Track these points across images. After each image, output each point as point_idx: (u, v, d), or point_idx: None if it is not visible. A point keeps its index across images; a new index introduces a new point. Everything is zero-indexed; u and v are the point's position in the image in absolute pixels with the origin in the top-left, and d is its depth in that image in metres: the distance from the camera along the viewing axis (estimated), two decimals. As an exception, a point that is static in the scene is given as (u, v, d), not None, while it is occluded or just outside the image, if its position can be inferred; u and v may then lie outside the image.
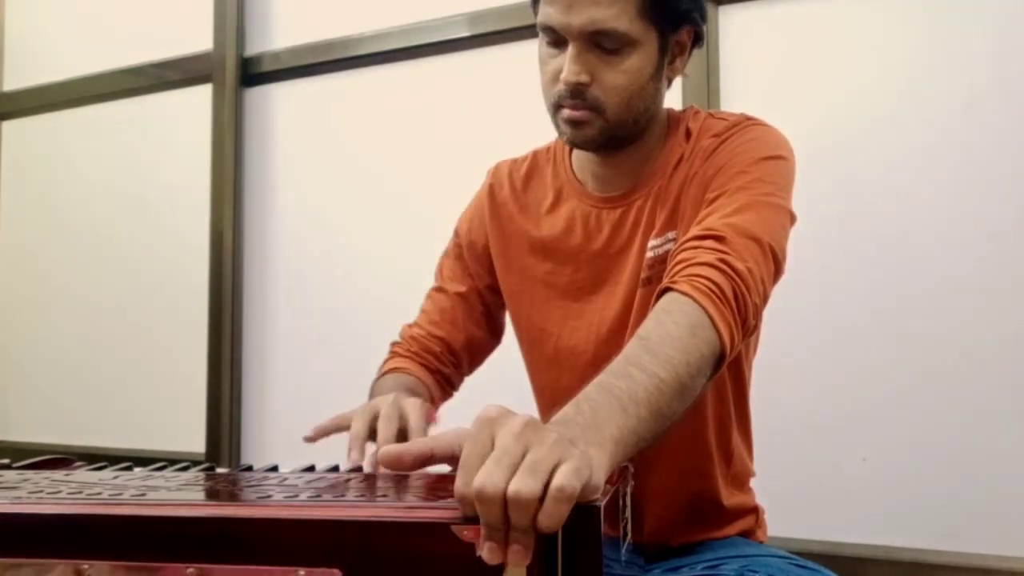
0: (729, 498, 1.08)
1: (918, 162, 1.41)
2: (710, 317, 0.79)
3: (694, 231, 0.90)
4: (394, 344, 1.19)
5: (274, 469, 0.84)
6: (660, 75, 1.01)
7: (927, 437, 1.38)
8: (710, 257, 0.84)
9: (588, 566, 0.54)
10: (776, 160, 0.98)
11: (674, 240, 0.99)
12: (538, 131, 1.12)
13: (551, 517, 0.53)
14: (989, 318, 1.35)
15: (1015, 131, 1.35)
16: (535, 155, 1.16)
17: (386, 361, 1.17)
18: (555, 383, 1.11)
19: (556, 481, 0.53)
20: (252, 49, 2.10)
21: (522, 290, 1.13)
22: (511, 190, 1.15)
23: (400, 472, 0.69)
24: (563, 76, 0.95)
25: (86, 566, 0.59)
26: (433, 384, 1.14)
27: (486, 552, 0.53)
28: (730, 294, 0.81)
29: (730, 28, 1.56)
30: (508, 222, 1.14)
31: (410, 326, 1.20)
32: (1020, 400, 1.33)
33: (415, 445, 0.60)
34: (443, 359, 1.16)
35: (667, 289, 0.83)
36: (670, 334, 0.76)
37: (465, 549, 0.54)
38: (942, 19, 1.40)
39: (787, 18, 1.52)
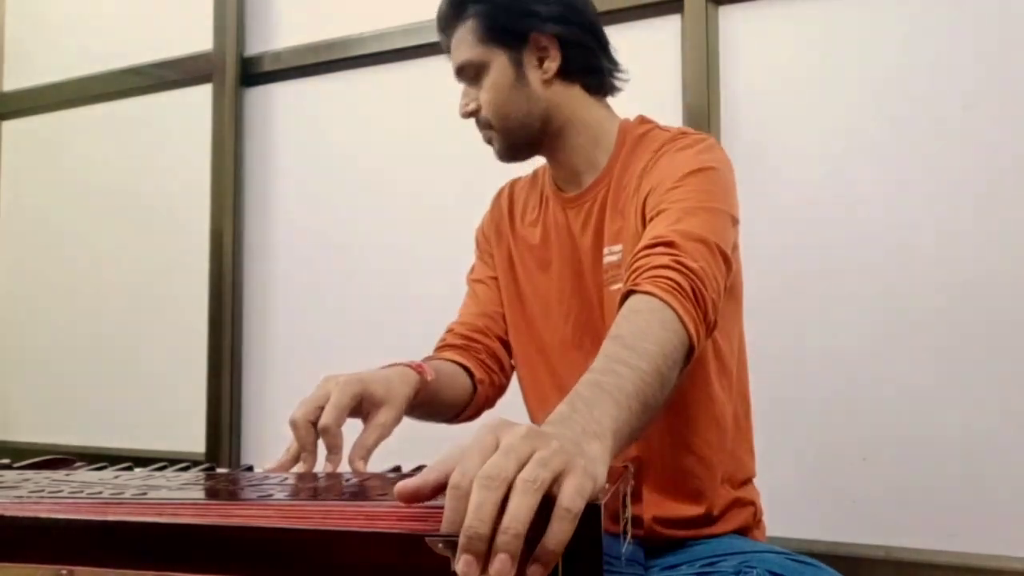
0: (728, 497, 1.09)
1: (918, 162, 1.41)
2: (675, 312, 0.83)
3: (643, 242, 0.94)
4: (439, 344, 1.21)
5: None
6: (524, 81, 1.11)
7: (927, 437, 1.38)
8: (665, 260, 0.88)
9: (589, 565, 0.54)
10: (706, 171, 1.02)
11: (619, 253, 1.06)
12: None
13: (557, 535, 0.51)
14: (989, 318, 1.35)
15: (1014, 132, 1.35)
16: (536, 171, 1.26)
17: None
18: (533, 374, 1.18)
19: (562, 501, 0.52)
20: (252, 49, 2.10)
21: (510, 281, 1.21)
22: (509, 200, 1.25)
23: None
24: (460, 113, 1.15)
25: (64, 572, 0.59)
26: (474, 363, 1.17)
27: (461, 564, 0.50)
28: (689, 291, 0.85)
29: (730, 28, 1.56)
30: (503, 228, 1.24)
31: (450, 323, 1.24)
32: (1020, 400, 1.33)
33: (431, 475, 0.56)
34: (488, 333, 1.21)
35: (631, 292, 0.87)
36: (642, 330, 0.79)
37: (440, 563, 0.52)
38: (942, 19, 1.40)
39: (787, 18, 1.52)
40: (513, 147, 1.15)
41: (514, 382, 1.23)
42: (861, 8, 1.46)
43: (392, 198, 1.91)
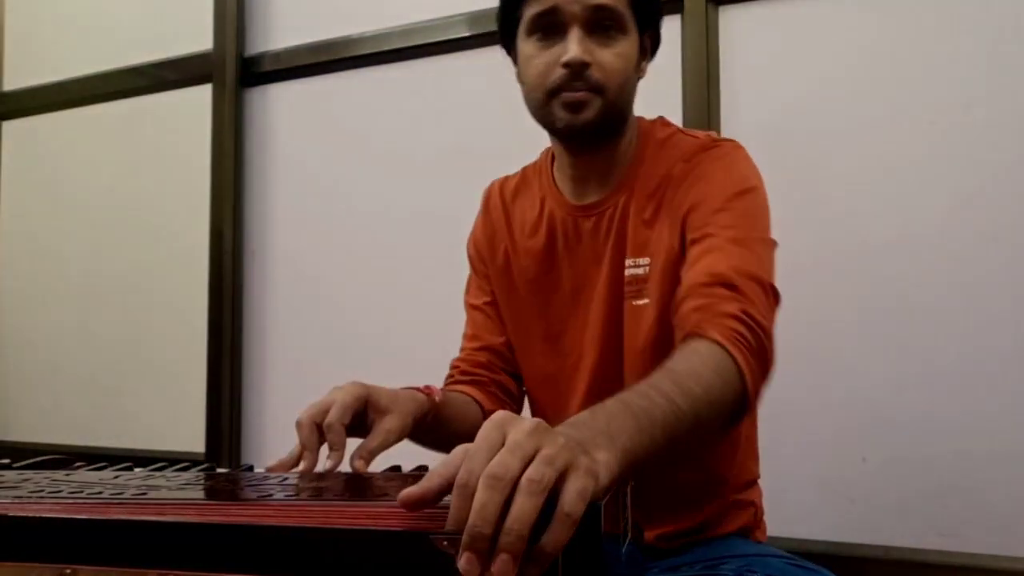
0: (729, 498, 1.09)
1: (917, 163, 1.41)
2: (739, 367, 0.81)
3: (700, 275, 0.91)
4: (446, 378, 1.18)
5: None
6: (638, 70, 1.06)
7: (927, 437, 1.38)
8: (733, 307, 0.86)
9: (588, 565, 0.54)
10: (750, 193, 0.99)
11: (647, 266, 1.01)
12: (538, 131, 1.12)
13: (555, 537, 0.51)
14: (989, 319, 1.35)
15: (1014, 132, 1.35)
16: (524, 171, 1.20)
17: None
18: (547, 389, 1.13)
19: (563, 506, 0.52)
20: (252, 49, 2.10)
21: (510, 295, 1.16)
22: (501, 205, 1.18)
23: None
24: (568, 57, 0.97)
25: (68, 571, 0.58)
26: (485, 396, 1.13)
27: (463, 562, 0.51)
28: (756, 347, 0.84)
29: (730, 28, 1.56)
30: (498, 232, 1.17)
31: (452, 362, 1.20)
32: (1020, 401, 1.33)
33: (434, 480, 0.56)
34: (493, 367, 1.16)
35: (694, 333, 0.84)
36: (696, 371, 0.78)
37: (444, 560, 0.52)
38: (941, 20, 1.40)
39: (787, 18, 1.52)
40: (605, 124, 1.02)
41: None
42: (861, 8, 1.46)
43: (392, 198, 1.91)
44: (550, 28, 1.00)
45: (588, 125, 1.01)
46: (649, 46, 1.08)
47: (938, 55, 1.40)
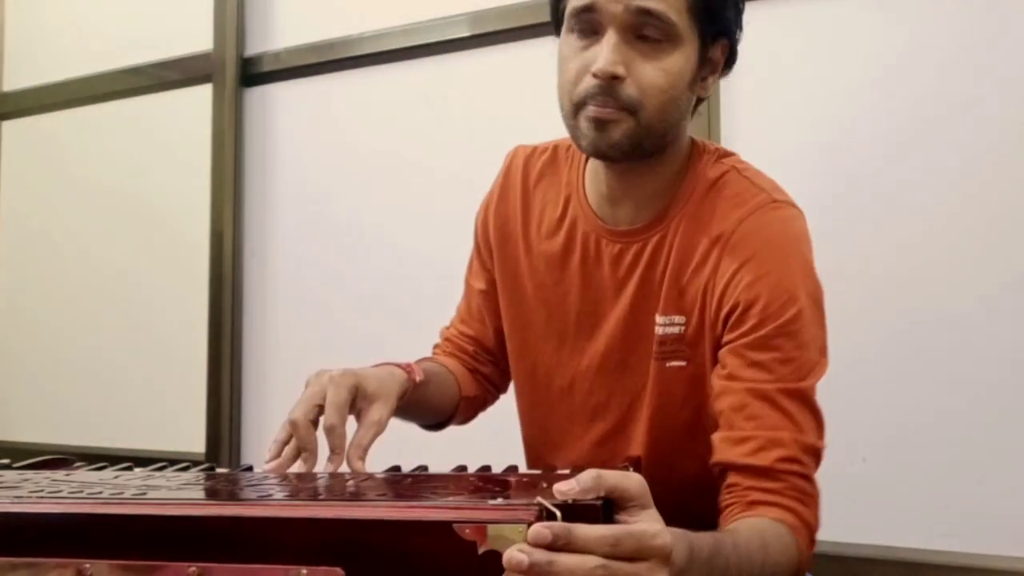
0: None
1: (918, 163, 1.41)
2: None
3: (772, 448, 0.86)
4: (434, 347, 1.17)
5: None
6: (694, 88, 0.93)
7: (927, 437, 1.38)
8: (812, 514, 0.86)
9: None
10: (809, 308, 0.91)
11: (682, 325, 0.94)
12: (539, 132, 1.11)
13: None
14: (989, 319, 1.35)
15: (1015, 132, 1.35)
16: (555, 149, 1.07)
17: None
18: (532, 397, 1.09)
19: None
20: (252, 49, 2.10)
21: (513, 291, 1.08)
22: (522, 184, 1.07)
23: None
24: (597, 67, 0.86)
25: (87, 565, 0.59)
26: (468, 378, 1.12)
27: (519, 554, 0.53)
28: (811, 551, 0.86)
29: (730, 28, 1.56)
30: (512, 220, 1.08)
31: (446, 327, 1.19)
32: (1020, 400, 1.33)
33: (590, 485, 0.57)
34: (479, 358, 1.15)
35: (786, 524, 0.83)
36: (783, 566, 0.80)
37: (466, 547, 0.53)
38: (943, 20, 1.40)
39: (788, 18, 1.51)
40: (638, 149, 0.90)
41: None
42: (861, 8, 1.46)
43: (392, 198, 1.91)
44: (588, 27, 0.88)
45: (615, 148, 0.89)
46: (721, 59, 0.95)
47: (939, 54, 1.40)
